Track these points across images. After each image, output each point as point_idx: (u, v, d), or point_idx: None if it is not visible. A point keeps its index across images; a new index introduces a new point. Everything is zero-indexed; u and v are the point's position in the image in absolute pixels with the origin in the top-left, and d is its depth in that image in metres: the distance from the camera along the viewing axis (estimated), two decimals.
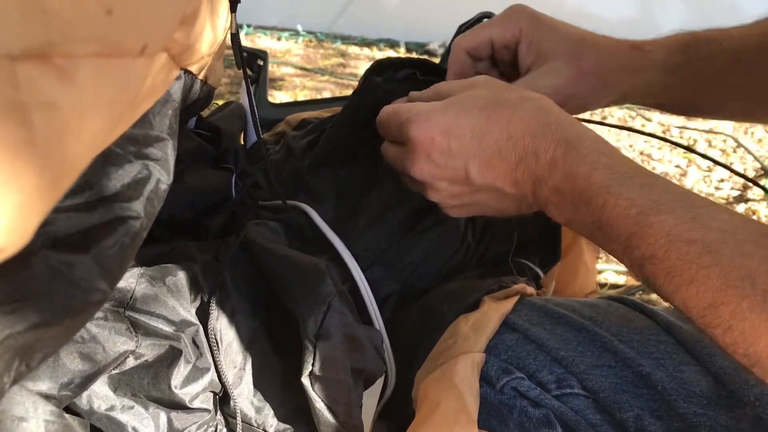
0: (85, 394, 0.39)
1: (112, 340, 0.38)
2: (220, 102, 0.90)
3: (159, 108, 0.33)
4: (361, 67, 2.60)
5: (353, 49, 2.85)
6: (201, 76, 0.43)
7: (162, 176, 0.33)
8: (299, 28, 3.01)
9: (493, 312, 0.53)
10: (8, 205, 0.19)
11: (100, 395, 0.40)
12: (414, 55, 2.80)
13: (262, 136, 0.68)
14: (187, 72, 0.38)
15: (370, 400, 0.50)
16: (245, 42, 2.84)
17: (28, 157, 0.20)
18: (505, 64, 0.61)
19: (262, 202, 0.61)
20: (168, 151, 0.34)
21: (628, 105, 2.40)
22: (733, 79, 0.58)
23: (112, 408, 0.40)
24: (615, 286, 1.28)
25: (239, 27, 0.47)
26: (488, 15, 0.82)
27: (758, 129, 2.14)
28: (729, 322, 0.35)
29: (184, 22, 0.31)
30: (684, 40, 0.58)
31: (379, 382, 0.50)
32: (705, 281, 0.36)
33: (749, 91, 0.59)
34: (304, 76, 2.54)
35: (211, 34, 0.37)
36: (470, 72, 0.60)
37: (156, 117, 0.33)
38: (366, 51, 2.84)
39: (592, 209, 0.42)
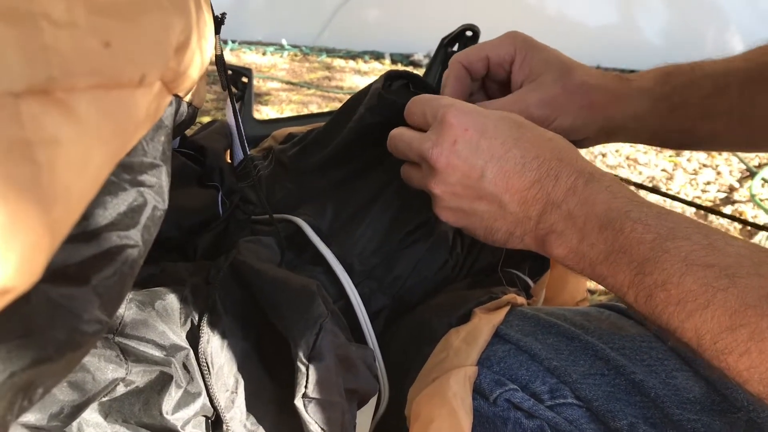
0: (75, 423, 0.39)
1: (102, 368, 0.38)
2: (207, 119, 0.90)
3: (152, 134, 0.33)
4: (347, 80, 2.60)
5: (338, 62, 2.86)
6: (187, 98, 0.43)
7: (158, 203, 0.33)
8: (284, 42, 3.02)
9: (484, 324, 0.53)
10: (18, 244, 0.19)
11: (91, 423, 0.40)
12: (399, 66, 2.82)
13: (249, 152, 0.68)
14: (176, 96, 0.38)
15: (364, 419, 0.50)
16: (230, 57, 2.85)
17: (34, 195, 0.20)
18: (496, 86, 0.63)
19: (255, 217, 0.61)
20: (162, 177, 0.34)
21: None
22: (723, 104, 0.58)
23: None
24: (606, 292, 1.28)
25: (224, 42, 0.47)
26: (471, 27, 0.83)
27: None
28: (746, 345, 0.34)
29: (178, 49, 0.31)
30: (666, 70, 0.59)
31: (372, 401, 0.50)
32: (722, 304, 0.36)
33: (744, 117, 0.59)
34: (290, 90, 2.55)
35: (200, 59, 0.37)
36: (467, 87, 0.61)
37: (149, 143, 0.33)
38: (351, 63, 2.85)
39: (606, 235, 0.42)
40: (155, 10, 0.29)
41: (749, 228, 1.54)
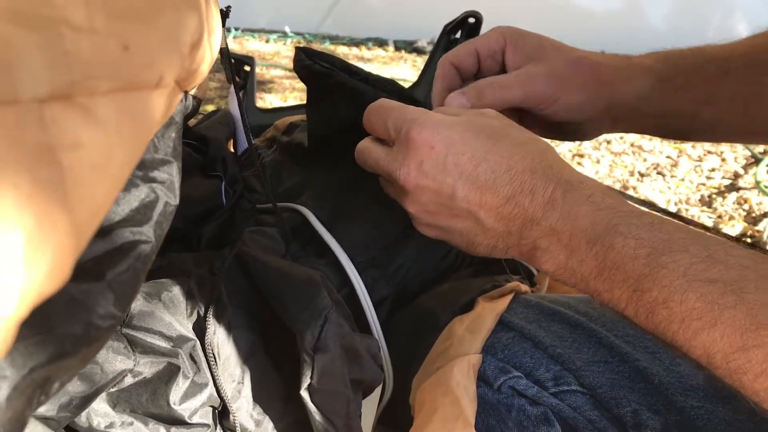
0: (84, 412, 0.39)
1: (110, 359, 0.39)
2: (210, 107, 0.90)
3: (163, 131, 0.33)
4: None
5: (342, 49, 2.85)
6: (193, 92, 0.43)
7: (169, 198, 0.33)
8: (287, 29, 3.01)
9: (488, 312, 0.53)
10: (48, 248, 0.20)
11: (100, 412, 0.40)
12: (403, 53, 2.80)
13: (252, 141, 0.68)
14: (185, 92, 0.38)
15: (369, 408, 0.50)
16: (233, 45, 2.84)
17: (60, 199, 0.20)
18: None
19: (260, 206, 0.61)
20: (174, 173, 0.34)
21: None
22: (726, 89, 0.57)
23: (111, 425, 0.40)
24: None
25: (227, 30, 0.48)
26: (474, 14, 0.83)
27: None
28: (762, 366, 0.32)
29: (192, 48, 0.31)
30: (669, 53, 0.58)
31: (377, 390, 0.50)
32: (731, 322, 0.33)
33: (746, 104, 0.57)
34: (293, 78, 2.54)
35: (210, 55, 0.37)
36: (457, 87, 0.58)
37: (160, 140, 0.33)
38: (355, 50, 2.84)
39: (595, 251, 0.40)
40: (171, 11, 0.29)
41: (753, 215, 1.54)
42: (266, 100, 2.20)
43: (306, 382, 0.41)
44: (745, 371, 0.33)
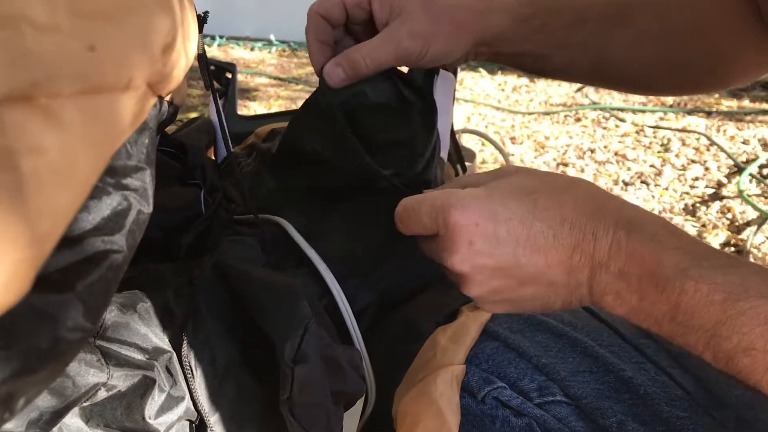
0: (55, 428, 0.38)
1: (83, 372, 0.37)
2: (193, 115, 0.89)
3: (135, 137, 0.33)
4: None
5: None
6: (168, 98, 0.42)
7: (142, 206, 0.32)
8: (272, 38, 3.01)
9: (472, 322, 0.52)
10: (4, 260, 0.19)
11: (72, 428, 0.39)
12: None
13: (232, 150, 0.67)
14: (158, 97, 0.37)
15: (350, 421, 0.50)
16: (218, 53, 2.83)
17: (18, 207, 0.19)
18: (360, 28, 0.62)
19: (237, 217, 0.60)
20: (147, 180, 0.33)
21: (600, 106, 2.43)
22: (580, 36, 0.60)
23: None
24: None
25: (212, 38, 0.47)
26: None
27: (730, 127, 2.18)
28: None
29: (164, 51, 0.31)
30: None
31: (360, 402, 0.49)
32: None
33: (598, 53, 0.61)
34: (278, 86, 2.54)
35: (184, 59, 0.36)
36: (329, 37, 0.60)
37: (133, 146, 0.32)
38: None
39: (667, 296, 0.38)
40: (140, 12, 0.28)
41: (737, 223, 1.55)
42: (251, 108, 2.20)
43: (285, 394, 0.40)
44: None
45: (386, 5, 0.58)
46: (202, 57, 0.46)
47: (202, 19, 0.43)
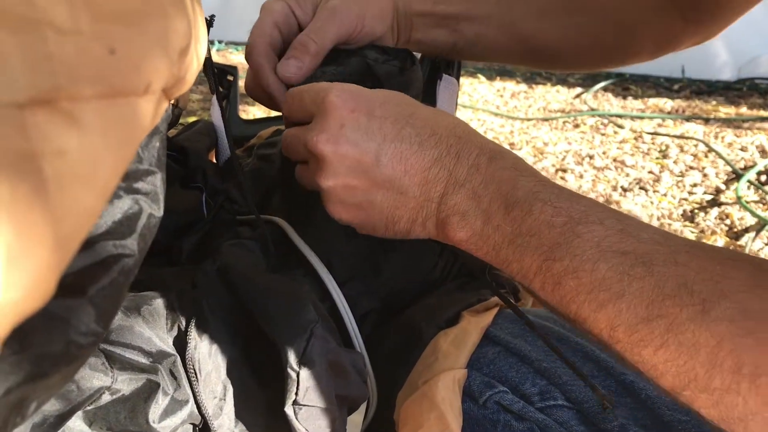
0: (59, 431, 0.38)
1: (87, 376, 0.37)
2: (192, 119, 0.89)
3: (147, 140, 0.33)
4: None
5: None
6: (173, 101, 0.43)
7: (153, 210, 0.32)
8: None
9: (473, 327, 0.53)
10: (28, 264, 0.19)
11: (76, 431, 0.39)
12: None
13: (235, 151, 0.67)
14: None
15: (353, 425, 0.50)
16: (217, 58, 2.83)
17: (42, 210, 0.19)
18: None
19: (240, 217, 0.60)
20: (158, 184, 0.33)
21: (599, 113, 2.44)
22: (483, 9, 0.61)
23: None
24: None
25: (211, 43, 0.47)
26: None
27: (728, 134, 2.19)
28: (664, 337, 0.32)
29: (180, 54, 0.31)
30: None
31: (363, 406, 0.49)
32: (638, 293, 0.34)
33: (501, 25, 0.62)
34: None
35: (196, 62, 0.37)
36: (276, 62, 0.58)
37: (144, 150, 0.32)
38: None
39: (513, 216, 0.39)
40: (159, 15, 0.28)
41: (735, 229, 1.55)
42: (250, 112, 2.20)
43: (291, 398, 0.40)
44: (646, 343, 0.33)
45: (306, 3, 0.58)
46: (207, 60, 0.46)
47: (208, 23, 0.43)
